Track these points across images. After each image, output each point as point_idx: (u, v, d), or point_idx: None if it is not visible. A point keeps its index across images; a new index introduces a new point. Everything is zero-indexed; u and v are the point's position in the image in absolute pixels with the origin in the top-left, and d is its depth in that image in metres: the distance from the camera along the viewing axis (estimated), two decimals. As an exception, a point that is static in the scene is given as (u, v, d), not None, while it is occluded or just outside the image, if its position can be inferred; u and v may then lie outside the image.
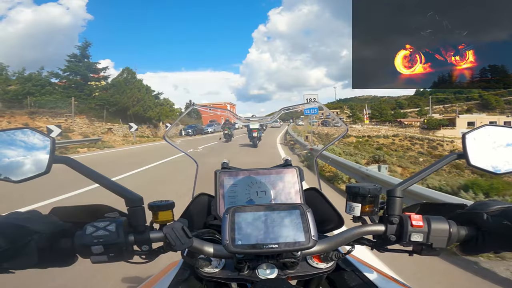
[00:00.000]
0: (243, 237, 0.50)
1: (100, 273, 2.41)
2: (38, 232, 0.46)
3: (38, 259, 0.46)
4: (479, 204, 0.54)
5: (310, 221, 0.51)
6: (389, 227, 0.55)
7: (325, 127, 27.82)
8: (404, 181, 0.58)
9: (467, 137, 0.57)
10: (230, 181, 0.74)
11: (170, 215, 0.54)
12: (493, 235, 0.50)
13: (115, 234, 0.48)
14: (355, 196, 0.58)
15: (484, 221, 0.51)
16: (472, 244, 0.53)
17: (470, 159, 0.56)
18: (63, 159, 0.52)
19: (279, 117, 0.88)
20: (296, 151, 10.77)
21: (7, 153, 0.50)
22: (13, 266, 0.45)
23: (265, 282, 0.50)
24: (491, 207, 0.52)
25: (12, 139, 0.52)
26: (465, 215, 0.55)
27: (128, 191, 0.52)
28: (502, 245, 0.51)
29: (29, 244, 0.44)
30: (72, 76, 25.23)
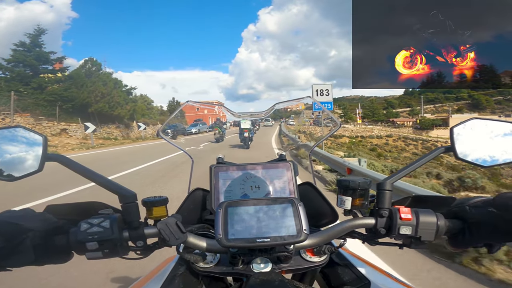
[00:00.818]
0: (236, 232, 0.50)
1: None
2: (33, 229, 0.46)
3: (35, 256, 0.46)
4: (464, 199, 0.56)
5: (302, 214, 0.52)
6: (379, 220, 0.56)
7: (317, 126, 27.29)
8: (393, 175, 0.59)
9: (454, 130, 0.58)
10: (225, 176, 0.75)
11: (164, 211, 0.55)
12: (479, 226, 0.52)
13: (109, 231, 0.48)
14: (345, 189, 0.59)
15: (467, 213, 0.53)
16: (460, 237, 0.54)
17: (458, 152, 0.57)
18: (55, 157, 0.52)
19: (271, 116, 0.89)
20: (291, 148, 10.63)
21: (0, 151, 0.50)
22: (10, 264, 0.45)
23: (259, 276, 0.51)
24: (473, 200, 0.54)
25: (4, 138, 0.52)
26: (452, 207, 0.57)
27: (121, 188, 0.52)
28: (489, 235, 0.51)
29: (24, 241, 0.45)
30: (20, 67, 20.55)
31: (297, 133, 12.17)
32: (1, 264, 0.45)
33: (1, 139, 0.51)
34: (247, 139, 10.45)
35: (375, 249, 2.42)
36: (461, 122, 0.59)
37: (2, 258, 0.44)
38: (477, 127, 0.59)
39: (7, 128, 0.52)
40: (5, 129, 0.52)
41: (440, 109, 70.20)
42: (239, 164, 0.78)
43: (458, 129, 0.59)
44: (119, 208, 0.54)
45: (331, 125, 10.60)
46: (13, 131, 0.53)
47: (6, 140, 0.52)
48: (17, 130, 0.53)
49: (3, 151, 0.51)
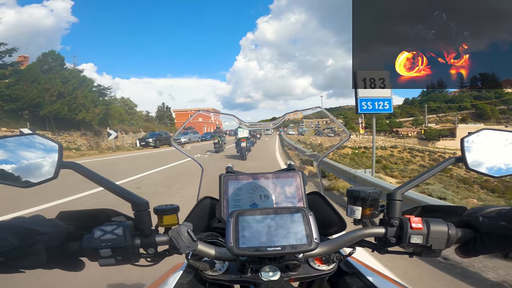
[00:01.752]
0: (246, 240, 0.50)
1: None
2: (46, 233, 0.47)
3: (47, 259, 0.47)
4: (476, 209, 0.56)
5: (312, 224, 0.52)
6: (389, 229, 0.56)
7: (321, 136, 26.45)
8: (404, 185, 0.59)
9: (465, 141, 0.59)
10: (234, 185, 0.75)
11: (175, 219, 0.55)
12: (491, 236, 0.52)
13: (122, 238, 0.49)
14: (355, 199, 0.59)
15: (480, 223, 0.53)
16: (471, 246, 0.55)
17: (468, 163, 0.58)
18: (70, 164, 0.53)
19: (283, 123, 0.90)
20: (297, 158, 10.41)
21: (16, 158, 0.51)
22: (23, 265, 0.46)
23: (267, 284, 0.51)
24: (486, 210, 0.54)
25: (20, 145, 0.53)
26: (464, 217, 0.57)
27: (134, 196, 0.53)
28: (500, 246, 0.52)
29: (38, 243, 0.45)
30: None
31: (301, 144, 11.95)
32: (14, 264, 0.45)
33: (18, 146, 0.53)
34: (244, 149, 9.42)
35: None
36: (472, 132, 0.60)
37: (15, 258, 0.45)
38: (487, 137, 0.59)
39: (24, 135, 0.54)
40: (22, 136, 0.54)
41: (443, 118, 69.19)
42: (248, 174, 0.78)
43: (469, 139, 0.59)
44: (131, 216, 0.54)
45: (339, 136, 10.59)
46: (30, 138, 0.54)
47: (23, 147, 0.53)
48: (33, 137, 0.54)
49: (20, 157, 0.52)
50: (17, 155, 0.52)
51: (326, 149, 1.16)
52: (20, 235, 0.45)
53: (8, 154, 0.51)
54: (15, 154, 0.51)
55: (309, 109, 0.91)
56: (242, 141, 9.79)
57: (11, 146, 0.52)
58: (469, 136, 0.60)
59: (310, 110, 0.91)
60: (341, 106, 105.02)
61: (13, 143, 0.52)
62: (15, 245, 0.44)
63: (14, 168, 0.50)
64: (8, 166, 0.50)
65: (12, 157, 0.51)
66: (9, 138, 0.53)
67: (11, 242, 0.43)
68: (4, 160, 0.50)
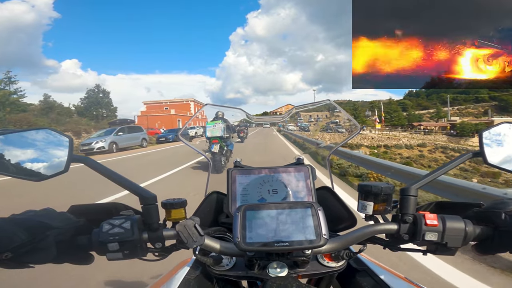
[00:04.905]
0: (254, 235, 0.50)
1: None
2: (57, 227, 0.47)
3: (57, 253, 0.47)
4: (497, 202, 0.53)
5: (321, 219, 0.51)
6: (402, 226, 0.55)
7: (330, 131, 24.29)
8: (418, 180, 0.57)
9: (484, 135, 0.56)
10: (242, 180, 0.75)
11: (183, 213, 0.55)
12: (510, 234, 0.50)
13: (130, 232, 0.49)
14: (367, 194, 0.58)
15: (502, 220, 0.50)
16: (488, 243, 0.53)
17: (487, 157, 0.55)
18: (81, 158, 0.54)
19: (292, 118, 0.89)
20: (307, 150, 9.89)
21: (28, 152, 0.52)
22: (33, 260, 0.46)
23: (275, 280, 0.50)
24: (510, 206, 0.51)
25: (32, 139, 0.54)
26: (482, 213, 0.54)
27: (142, 190, 0.53)
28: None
29: (48, 238, 0.46)
30: None
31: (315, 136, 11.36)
32: (24, 260, 0.46)
33: (29, 140, 0.53)
34: (219, 157, 6.06)
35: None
36: (491, 126, 0.57)
37: (25, 253, 0.45)
38: (507, 131, 0.57)
39: (35, 130, 0.54)
40: (33, 130, 0.54)
41: (464, 111, 66.47)
42: (256, 168, 0.77)
43: (488, 133, 0.57)
44: (139, 210, 0.54)
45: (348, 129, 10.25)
46: (42, 132, 0.55)
47: (34, 141, 0.54)
48: (45, 132, 0.55)
49: (31, 151, 0.52)
50: (29, 149, 0.52)
51: (335, 143, 1.14)
52: (30, 230, 0.45)
53: (21, 148, 0.52)
54: (27, 148, 0.52)
55: (317, 102, 0.90)
56: (213, 142, 6.29)
57: (23, 140, 0.53)
58: (489, 129, 0.57)
59: (319, 103, 0.90)
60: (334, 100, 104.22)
61: (26, 137, 0.53)
62: (24, 240, 0.44)
63: (27, 162, 0.51)
64: (21, 160, 0.50)
65: (24, 151, 0.52)
66: (22, 132, 0.53)
67: (21, 237, 0.44)
68: (17, 154, 0.51)
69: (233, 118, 1.20)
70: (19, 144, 0.52)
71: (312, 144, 9.53)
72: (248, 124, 3.20)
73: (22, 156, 0.51)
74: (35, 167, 0.51)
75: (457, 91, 56.52)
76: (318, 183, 0.78)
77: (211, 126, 6.27)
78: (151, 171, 8.08)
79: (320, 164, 2.13)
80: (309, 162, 0.80)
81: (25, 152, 0.52)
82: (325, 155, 1.12)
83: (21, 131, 0.53)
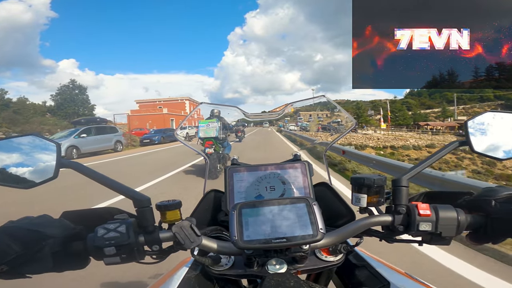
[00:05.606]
0: (251, 233, 0.50)
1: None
2: (52, 236, 0.46)
3: (53, 263, 0.46)
4: (487, 190, 0.54)
5: (317, 213, 0.51)
6: (396, 217, 0.55)
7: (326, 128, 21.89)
8: (409, 170, 0.57)
9: (469, 124, 0.58)
10: (240, 177, 0.75)
11: (178, 214, 0.54)
12: (503, 222, 0.50)
13: (125, 235, 0.48)
14: (360, 187, 0.58)
15: (492, 207, 0.51)
16: (481, 232, 0.53)
17: (473, 145, 0.57)
18: (70, 163, 0.53)
19: (285, 115, 0.89)
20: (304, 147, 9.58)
21: (15, 160, 0.51)
22: (29, 271, 0.45)
23: (274, 277, 0.50)
24: (500, 194, 0.51)
25: (19, 146, 0.53)
26: (473, 202, 0.55)
27: (135, 193, 0.53)
28: (511, 231, 0.50)
29: (43, 249, 0.45)
30: None
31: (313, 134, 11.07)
32: (21, 271, 0.45)
33: (16, 147, 0.53)
34: (213, 161, 5.41)
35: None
36: (476, 114, 0.59)
37: (21, 264, 0.44)
38: (492, 120, 0.58)
39: (22, 136, 0.54)
40: (20, 137, 0.54)
41: (470, 111, 65.77)
42: (253, 165, 0.78)
43: (473, 121, 0.58)
44: (133, 213, 0.54)
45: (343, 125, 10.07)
46: (28, 139, 0.54)
47: (21, 148, 0.53)
48: (31, 138, 0.54)
49: (19, 159, 0.52)
50: (16, 157, 0.52)
51: (332, 139, 1.13)
52: (24, 241, 0.44)
53: (8, 155, 0.51)
54: (14, 156, 0.52)
55: (313, 98, 0.90)
56: (206, 145, 5.63)
57: (10, 148, 0.52)
58: (473, 118, 0.58)
59: (314, 99, 0.90)
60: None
61: (14, 145, 0.53)
62: (19, 253, 0.43)
63: (14, 169, 0.50)
64: (9, 168, 0.50)
65: (12, 158, 0.51)
66: (9, 139, 0.53)
67: (15, 250, 0.43)
68: (4, 162, 0.50)
69: (229, 117, 1.20)
70: (7, 151, 0.51)
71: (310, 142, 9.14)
72: (246, 124, 3.11)
73: (10, 164, 0.50)
74: (23, 174, 0.51)
75: (461, 90, 56.01)
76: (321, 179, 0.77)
77: (204, 125, 5.50)
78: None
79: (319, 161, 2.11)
80: (307, 158, 0.79)
81: (13, 160, 0.51)
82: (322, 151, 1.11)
83: (9, 138, 0.53)
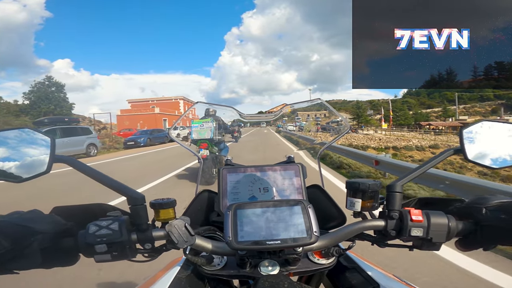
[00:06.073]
0: (245, 234, 0.50)
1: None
2: (42, 232, 0.46)
3: (42, 260, 0.46)
4: (478, 198, 0.55)
5: (312, 217, 0.52)
6: (389, 222, 0.56)
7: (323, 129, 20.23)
8: (403, 177, 0.58)
9: (464, 132, 0.58)
10: (233, 178, 0.75)
11: (172, 213, 0.54)
12: (492, 229, 0.51)
13: (118, 233, 0.47)
14: (355, 191, 0.59)
15: (482, 215, 0.52)
16: (471, 239, 0.54)
17: (467, 154, 0.58)
18: (63, 158, 0.52)
19: (282, 116, 0.89)
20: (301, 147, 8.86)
21: (7, 153, 0.50)
22: (17, 267, 0.45)
23: (267, 278, 0.50)
24: (490, 202, 0.52)
25: (12, 139, 0.52)
26: (464, 209, 0.55)
27: (130, 190, 0.52)
28: (501, 239, 0.51)
29: (32, 244, 0.44)
30: None
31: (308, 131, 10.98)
32: (8, 267, 0.44)
33: (9, 140, 0.52)
34: (208, 164, 5.00)
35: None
36: (470, 123, 0.60)
37: (9, 260, 0.43)
38: (486, 129, 0.59)
39: (15, 129, 0.53)
40: (13, 130, 0.53)
41: (471, 110, 65.68)
42: (247, 166, 0.78)
43: (468, 130, 0.59)
44: (127, 210, 0.53)
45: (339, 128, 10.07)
46: (21, 132, 0.53)
47: (14, 141, 0.52)
48: (24, 131, 0.53)
49: (11, 152, 0.51)
50: (8, 150, 0.51)
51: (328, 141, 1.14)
52: (13, 236, 0.43)
53: (0, 148, 0.50)
54: (6, 149, 0.51)
55: (309, 101, 0.90)
56: (201, 146, 5.11)
57: (3, 141, 0.51)
58: (468, 127, 0.59)
59: (310, 102, 0.90)
60: (327, 100, 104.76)
61: (6, 138, 0.52)
62: (8, 248, 0.42)
63: (6, 163, 0.49)
64: (0, 161, 0.49)
65: (3, 152, 0.50)
66: (2, 132, 0.52)
67: (4, 245, 0.42)
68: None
69: (225, 117, 1.19)
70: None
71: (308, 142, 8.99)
72: (242, 124, 3.06)
73: (2, 157, 0.49)
74: (15, 168, 0.50)
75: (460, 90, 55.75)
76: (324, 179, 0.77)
77: (197, 125, 4.81)
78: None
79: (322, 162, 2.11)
80: (303, 160, 0.80)
81: (4, 153, 0.50)
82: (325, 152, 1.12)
83: (1, 130, 0.52)
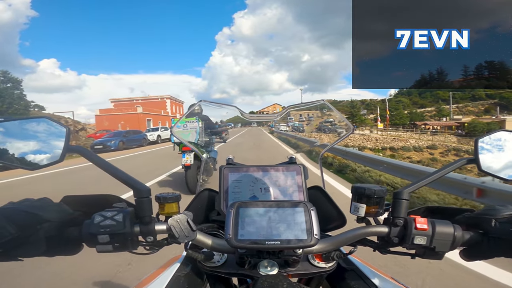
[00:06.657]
0: (246, 233, 0.50)
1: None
2: (49, 220, 0.47)
3: (46, 248, 0.47)
4: (488, 209, 0.53)
5: (314, 219, 0.51)
6: (393, 229, 0.55)
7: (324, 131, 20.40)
8: (411, 184, 0.57)
9: (479, 142, 0.57)
10: (235, 177, 0.75)
11: (176, 208, 0.55)
12: (500, 242, 0.50)
13: (121, 224, 0.48)
14: (360, 196, 0.58)
15: (491, 227, 0.51)
16: (476, 249, 0.53)
17: (481, 164, 0.56)
18: (76, 148, 0.54)
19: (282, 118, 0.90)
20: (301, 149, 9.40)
21: (24, 141, 0.52)
22: (21, 254, 0.46)
23: (265, 278, 0.50)
24: (501, 213, 0.51)
25: (29, 128, 0.53)
26: (473, 219, 0.54)
27: (137, 182, 0.53)
28: (506, 251, 0.50)
29: (38, 232, 0.46)
30: None
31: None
32: (13, 253, 0.45)
33: (27, 129, 0.53)
34: (192, 172, 4.36)
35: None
36: (486, 133, 0.58)
37: (14, 247, 0.44)
38: (503, 139, 0.58)
39: (34, 118, 0.54)
40: (31, 119, 0.54)
41: (464, 110, 65.36)
42: (249, 166, 0.78)
43: (483, 140, 0.57)
44: (132, 202, 0.54)
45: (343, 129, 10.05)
46: (39, 121, 0.54)
47: (32, 130, 0.53)
48: (42, 121, 0.54)
49: (28, 140, 0.52)
50: (25, 138, 0.52)
51: (328, 143, 1.14)
52: (20, 223, 0.45)
53: (18, 136, 0.51)
54: (23, 137, 0.52)
55: (312, 102, 0.90)
56: (184, 151, 4.46)
57: (21, 129, 0.52)
58: (484, 137, 0.58)
59: (313, 103, 0.90)
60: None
61: (24, 126, 0.53)
62: (14, 235, 0.43)
63: (22, 150, 0.51)
64: (16, 148, 0.50)
65: (21, 139, 0.52)
66: (20, 120, 0.53)
67: (10, 232, 0.43)
68: (12, 142, 0.51)
69: (227, 116, 1.19)
70: (16, 133, 0.51)
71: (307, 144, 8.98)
72: (232, 125, 2.95)
73: (19, 145, 0.51)
74: (30, 156, 0.51)
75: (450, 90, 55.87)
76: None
77: (180, 126, 3.96)
78: None
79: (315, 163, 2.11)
80: (302, 161, 0.80)
81: (21, 141, 0.51)
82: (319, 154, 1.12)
83: (20, 119, 0.53)
